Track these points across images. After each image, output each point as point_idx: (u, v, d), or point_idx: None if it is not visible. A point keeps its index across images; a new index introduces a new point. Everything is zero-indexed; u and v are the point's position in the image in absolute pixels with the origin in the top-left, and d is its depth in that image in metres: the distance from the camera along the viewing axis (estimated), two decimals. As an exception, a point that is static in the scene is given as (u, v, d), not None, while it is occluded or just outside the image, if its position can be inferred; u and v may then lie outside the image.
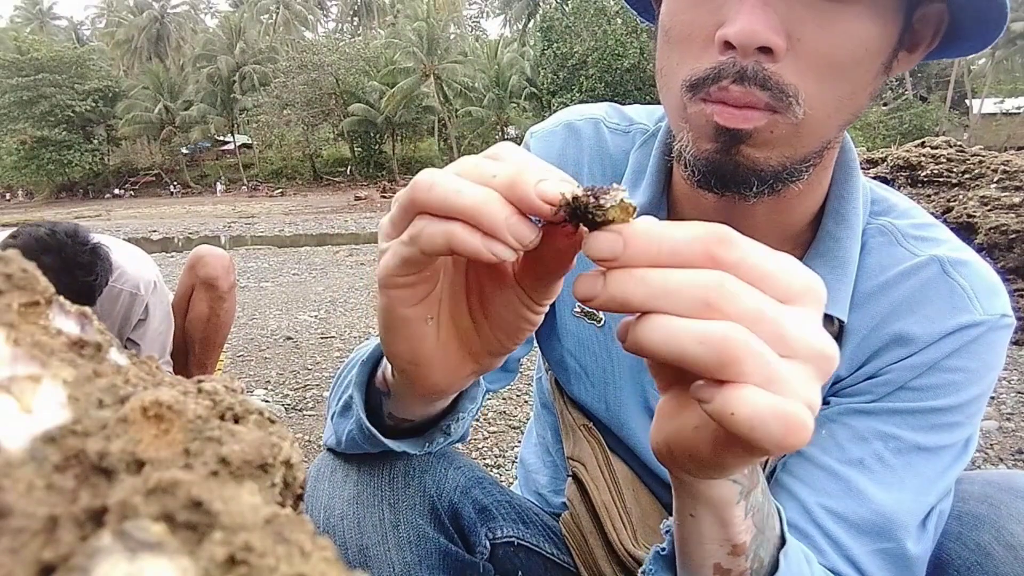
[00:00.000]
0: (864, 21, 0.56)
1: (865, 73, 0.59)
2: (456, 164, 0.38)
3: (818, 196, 0.70)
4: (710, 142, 0.60)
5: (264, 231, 15.65)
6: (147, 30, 55.53)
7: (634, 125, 0.81)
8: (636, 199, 0.75)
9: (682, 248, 0.33)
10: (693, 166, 0.63)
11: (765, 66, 0.56)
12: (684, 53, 0.61)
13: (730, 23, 0.55)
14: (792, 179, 0.63)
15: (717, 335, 0.32)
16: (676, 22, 0.61)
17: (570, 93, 30.64)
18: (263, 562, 0.16)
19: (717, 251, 0.33)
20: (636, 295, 0.33)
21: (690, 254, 0.33)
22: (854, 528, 0.63)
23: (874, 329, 0.68)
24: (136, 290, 2.12)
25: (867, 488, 0.63)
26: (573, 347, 0.84)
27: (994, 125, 36.11)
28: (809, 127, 0.59)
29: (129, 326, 2.15)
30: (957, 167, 4.08)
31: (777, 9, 0.55)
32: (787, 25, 0.55)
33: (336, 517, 0.71)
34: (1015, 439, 2.34)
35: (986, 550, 0.67)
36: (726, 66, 0.57)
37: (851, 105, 0.61)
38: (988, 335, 0.65)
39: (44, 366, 0.19)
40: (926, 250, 0.69)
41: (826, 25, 0.56)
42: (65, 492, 0.17)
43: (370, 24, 60.54)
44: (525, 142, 0.84)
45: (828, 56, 0.57)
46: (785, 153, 0.60)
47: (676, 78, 0.62)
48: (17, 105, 39.76)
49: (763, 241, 0.77)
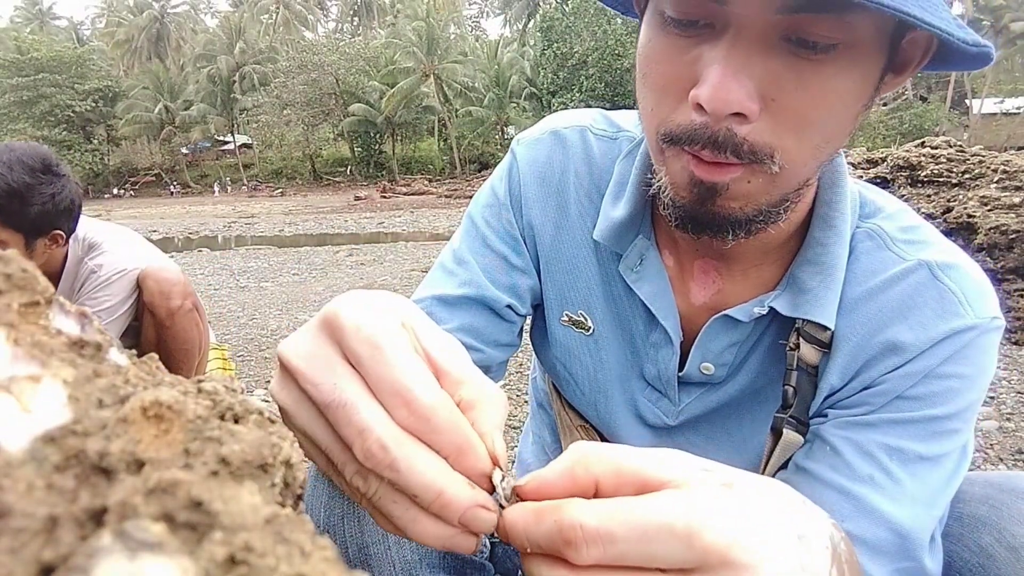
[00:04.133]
0: (842, 74, 0.54)
1: (844, 119, 0.58)
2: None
3: (803, 207, 0.69)
4: (687, 192, 0.60)
5: (264, 231, 15.65)
6: (147, 30, 55.54)
7: (621, 132, 0.81)
8: (618, 211, 0.75)
9: (545, 546, 0.34)
10: (670, 209, 0.63)
11: (736, 131, 0.55)
12: (659, 102, 0.60)
13: (703, 85, 0.54)
14: (769, 222, 0.63)
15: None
16: (652, 69, 0.60)
17: (570, 93, 30.64)
18: (263, 562, 0.16)
19: (569, 555, 0.33)
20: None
21: (551, 550, 0.34)
22: (873, 550, 0.61)
23: (865, 336, 0.68)
24: (98, 269, 2.05)
25: (881, 505, 0.62)
26: (561, 355, 0.84)
27: (994, 125, 36.10)
28: (786, 175, 0.58)
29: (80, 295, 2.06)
30: (957, 167, 4.07)
31: (752, 72, 0.53)
32: (762, 87, 0.54)
33: (336, 516, 0.71)
34: (1015, 439, 2.34)
35: (988, 552, 0.67)
36: (699, 130, 0.56)
37: (829, 148, 0.60)
38: (980, 339, 0.65)
39: (44, 366, 0.19)
40: (914, 254, 0.68)
41: (803, 84, 0.54)
42: (65, 492, 0.17)
43: (370, 24, 60.52)
44: (511, 150, 0.84)
45: (805, 114, 0.55)
46: (762, 200, 0.60)
47: (652, 121, 0.61)
48: (17, 105, 39.77)
49: (746, 256, 0.75)
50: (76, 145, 42.04)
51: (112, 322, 2.09)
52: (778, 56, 0.53)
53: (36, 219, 1.78)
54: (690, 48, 0.56)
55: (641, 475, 0.34)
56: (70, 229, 1.90)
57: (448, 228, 13.80)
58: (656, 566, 0.32)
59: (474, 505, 0.35)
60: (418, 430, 0.35)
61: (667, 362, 0.77)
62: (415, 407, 0.35)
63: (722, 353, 0.75)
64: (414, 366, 0.36)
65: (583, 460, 0.35)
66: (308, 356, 0.38)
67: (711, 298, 0.75)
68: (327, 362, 0.37)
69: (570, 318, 0.82)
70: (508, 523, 0.35)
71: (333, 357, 0.37)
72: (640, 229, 0.76)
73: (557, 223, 0.80)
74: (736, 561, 0.30)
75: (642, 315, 0.78)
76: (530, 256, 0.82)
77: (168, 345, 2.21)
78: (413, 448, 0.35)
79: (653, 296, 0.75)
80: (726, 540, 0.31)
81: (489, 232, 0.81)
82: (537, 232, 0.81)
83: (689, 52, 0.56)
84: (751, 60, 0.53)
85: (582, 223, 0.80)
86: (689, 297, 0.76)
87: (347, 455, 0.37)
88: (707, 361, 0.75)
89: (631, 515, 0.32)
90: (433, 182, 35.76)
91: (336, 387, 0.36)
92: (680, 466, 0.34)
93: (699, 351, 0.75)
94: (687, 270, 0.76)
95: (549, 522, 0.33)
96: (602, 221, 0.76)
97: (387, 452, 0.34)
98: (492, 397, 0.38)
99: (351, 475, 0.37)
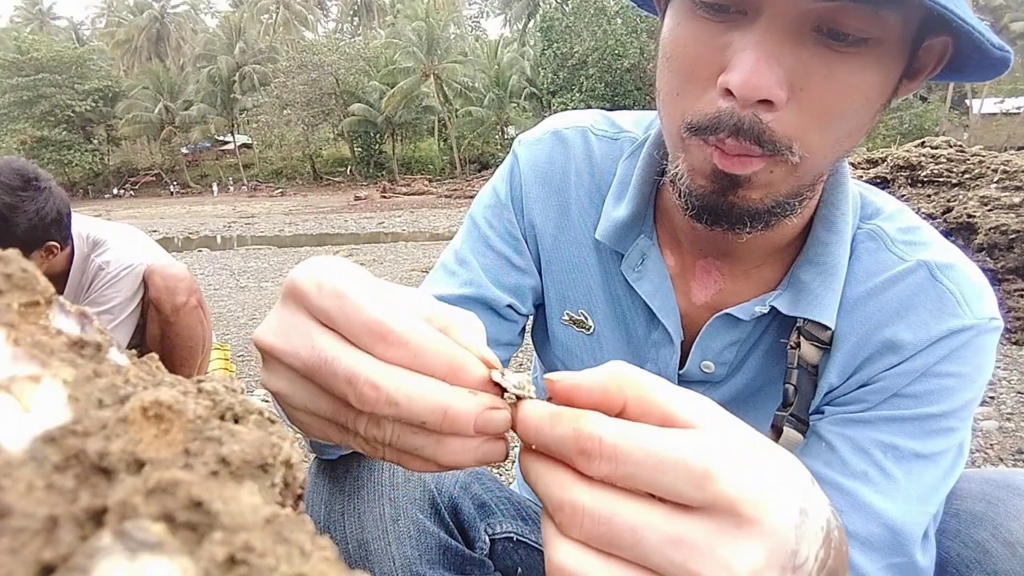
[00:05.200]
0: (869, 69, 0.55)
1: (865, 115, 0.59)
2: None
3: (808, 208, 0.70)
4: (707, 180, 0.60)
5: (264, 231, 15.65)
6: (147, 30, 55.56)
7: (623, 133, 0.81)
8: (619, 211, 0.75)
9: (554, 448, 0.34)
10: (687, 198, 0.63)
11: (762, 117, 0.55)
12: (684, 87, 0.60)
13: (733, 71, 0.54)
14: (785, 214, 0.63)
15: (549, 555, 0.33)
16: (679, 53, 0.60)
17: (570, 93, 30.65)
18: (263, 562, 0.16)
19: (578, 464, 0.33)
20: (525, 479, 0.36)
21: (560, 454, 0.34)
22: (865, 545, 0.62)
23: (865, 335, 0.68)
24: (106, 266, 2.04)
25: (874, 501, 0.63)
26: (562, 354, 0.85)
27: (994, 125, 36.09)
28: (805, 167, 0.59)
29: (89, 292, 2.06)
30: (957, 167, 4.07)
31: (783, 60, 0.54)
32: (791, 76, 0.54)
33: (337, 512, 0.71)
34: (1015, 439, 2.34)
35: (984, 547, 0.67)
36: (724, 116, 0.56)
37: (848, 143, 0.60)
38: (978, 339, 0.65)
39: (44, 366, 0.19)
40: (914, 254, 0.69)
41: (831, 76, 0.54)
42: (65, 492, 0.17)
43: (370, 24, 60.52)
44: (513, 150, 0.84)
45: (831, 106, 0.56)
46: (780, 191, 0.60)
47: (676, 108, 0.61)
48: (17, 105, 39.78)
49: (750, 255, 0.76)
50: (76, 145, 42.04)
51: (123, 321, 2.09)
52: (809, 46, 0.54)
53: (25, 236, 1.75)
54: (720, 34, 0.56)
55: (668, 410, 0.34)
56: (63, 238, 1.89)
57: (448, 228, 13.80)
58: (659, 495, 0.32)
59: (482, 409, 0.34)
60: (403, 359, 0.34)
61: (667, 361, 0.77)
62: (392, 338, 0.34)
63: (722, 352, 0.75)
64: (382, 303, 0.35)
65: (619, 379, 0.34)
66: (280, 331, 0.38)
67: (712, 297, 0.75)
68: (299, 329, 0.37)
69: (571, 318, 0.82)
70: (522, 416, 0.35)
71: (304, 322, 0.37)
72: (642, 229, 0.76)
73: (558, 223, 0.81)
74: (742, 514, 0.31)
75: (643, 314, 0.78)
76: (531, 256, 0.82)
77: (173, 342, 2.20)
78: (404, 378, 0.34)
79: (654, 295, 0.75)
80: (738, 492, 0.31)
81: (491, 232, 0.81)
82: (538, 232, 0.81)
83: (719, 38, 0.56)
84: (783, 48, 0.54)
85: (583, 223, 0.80)
86: (690, 296, 0.76)
87: (349, 411, 0.37)
88: (707, 360, 0.76)
89: (651, 443, 0.32)
90: (433, 182, 35.79)
91: (314, 348, 0.36)
92: (710, 413, 0.34)
93: (699, 350, 0.75)
94: (688, 269, 0.76)
95: (567, 428, 0.33)
96: (604, 221, 0.76)
97: (379, 390, 0.34)
98: (465, 316, 0.38)
99: (364, 429, 0.37)
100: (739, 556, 0.31)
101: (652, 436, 0.32)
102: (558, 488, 0.33)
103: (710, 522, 0.31)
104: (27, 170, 1.77)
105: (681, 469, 0.31)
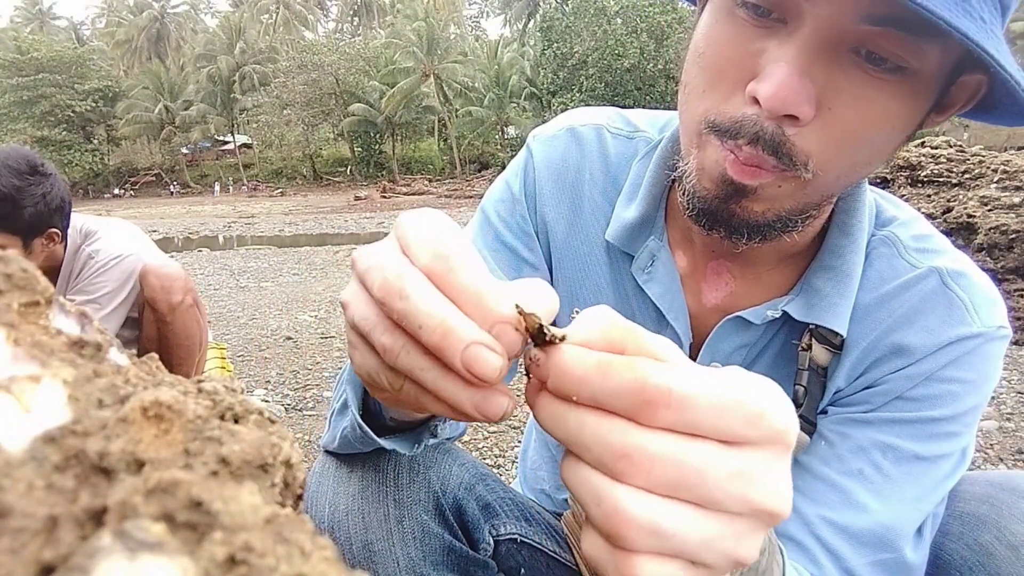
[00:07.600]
0: (900, 99, 0.54)
1: (888, 144, 0.58)
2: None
3: (823, 216, 0.70)
4: (713, 184, 0.60)
5: (264, 231, 15.64)
6: (147, 30, 55.58)
7: (638, 132, 0.80)
8: (630, 213, 0.75)
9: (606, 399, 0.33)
10: (690, 198, 0.63)
11: (786, 131, 0.54)
12: (712, 86, 0.59)
13: (764, 81, 0.53)
14: (786, 230, 0.62)
15: (609, 505, 0.32)
16: (712, 51, 0.59)
17: (570, 93, 30.64)
18: (263, 562, 0.16)
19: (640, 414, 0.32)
20: (556, 431, 0.34)
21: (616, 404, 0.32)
22: (854, 539, 0.62)
23: (875, 340, 0.68)
24: (96, 254, 2.04)
25: (867, 499, 0.63)
26: None
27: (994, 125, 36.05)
28: (815, 186, 0.58)
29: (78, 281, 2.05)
30: (957, 167, 4.07)
31: (815, 77, 0.53)
32: (821, 93, 0.53)
33: (341, 513, 0.71)
34: (1015, 439, 2.34)
35: (988, 550, 0.67)
36: (747, 123, 0.55)
37: (865, 170, 0.60)
38: (985, 346, 0.65)
39: (44, 366, 0.19)
40: (926, 261, 0.69)
41: (861, 98, 0.53)
42: (65, 492, 0.17)
43: (370, 24, 60.52)
44: (527, 145, 0.84)
45: (855, 129, 0.55)
46: (784, 206, 0.60)
47: (699, 105, 0.60)
48: (17, 105, 39.77)
49: (763, 259, 0.76)
50: (76, 145, 42.02)
51: (112, 311, 2.08)
52: (844, 66, 0.53)
53: (31, 220, 1.78)
54: (756, 39, 0.56)
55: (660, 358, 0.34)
56: (64, 226, 1.90)
57: (448, 228, 13.73)
58: (715, 436, 0.32)
59: (474, 342, 0.33)
60: (437, 270, 0.34)
61: None
62: (438, 249, 0.34)
63: (732, 355, 0.75)
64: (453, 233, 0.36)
65: (620, 331, 0.35)
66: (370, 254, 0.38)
67: (723, 300, 0.75)
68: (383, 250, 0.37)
69: (572, 320, 0.82)
70: (563, 364, 0.33)
71: (390, 247, 0.37)
72: (652, 230, 0.76)
73: (570, 220, 0.80)
74: (787, 442, 0.33)
75: (652, 315, 0.78)
76: (542, 252, 0.82)
77: (169, 341, 2.20)
78: (426, 284, 0.34)
79: (663, 296, 0.75)
80: (784, 424, 0.33)
81: (502, 227, 0.81)
82: (550, 228, 0.81)
83: (755, 43, 0.56)
84: (817, 64, 0.53)
85: (595, 221, 0.80)
86: (700, 298, 0.76)
87: (374, 309, 0.36)
88: (716, 362, 0.76)
89: (711, 386, 0.32)
90: (433, 182, 35.80)
91: (379, 255, 0.36)
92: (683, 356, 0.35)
93: (708, 352, 0.75)
94: (700, 271, 0.76)
95: (627, 377, 0.32)
96: (614, 222, 0.76)
97: (400, 279, 0.34)
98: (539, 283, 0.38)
99: (380, 335, 0.36)
100: (787, 476, 0.34)
101: (707, 379, 0.32)
102: (619, 436, 0.32)
103: (764, 453, 0.33)
104: (33, 157, 1.82)
105: (740, 411, 0.32)
